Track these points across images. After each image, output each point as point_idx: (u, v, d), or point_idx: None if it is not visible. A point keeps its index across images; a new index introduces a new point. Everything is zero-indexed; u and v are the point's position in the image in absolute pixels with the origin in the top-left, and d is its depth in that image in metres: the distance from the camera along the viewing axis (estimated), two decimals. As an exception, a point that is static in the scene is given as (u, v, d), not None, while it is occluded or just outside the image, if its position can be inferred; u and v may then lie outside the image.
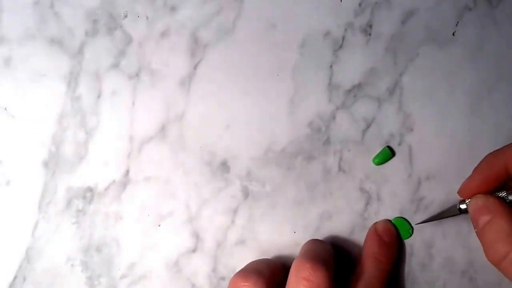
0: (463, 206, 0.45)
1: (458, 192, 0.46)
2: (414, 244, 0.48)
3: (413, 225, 0.48)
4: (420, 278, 0.48)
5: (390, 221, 0.48)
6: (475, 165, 0.47)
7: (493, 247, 0.40)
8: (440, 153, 0.49)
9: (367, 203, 0.49)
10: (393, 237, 0.47)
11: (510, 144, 0.44)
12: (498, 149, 0.44)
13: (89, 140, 0.48)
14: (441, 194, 0.48)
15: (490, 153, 0.45)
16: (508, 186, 0.44)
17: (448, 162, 0.48)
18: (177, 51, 0.49)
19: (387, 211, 0.48)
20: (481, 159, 0.47)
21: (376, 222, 0.48)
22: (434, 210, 0.48)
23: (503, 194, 0.43)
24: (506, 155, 0.43)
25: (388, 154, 0.48)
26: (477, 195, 0.44)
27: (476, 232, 0.43)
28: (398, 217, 0.48)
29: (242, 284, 0.41)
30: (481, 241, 0.42)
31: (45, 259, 0.48)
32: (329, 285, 0.39)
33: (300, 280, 0.39)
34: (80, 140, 0.48)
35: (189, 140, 0.49)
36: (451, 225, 0.48)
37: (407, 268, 0.48)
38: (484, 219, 0.42)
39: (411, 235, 0.48)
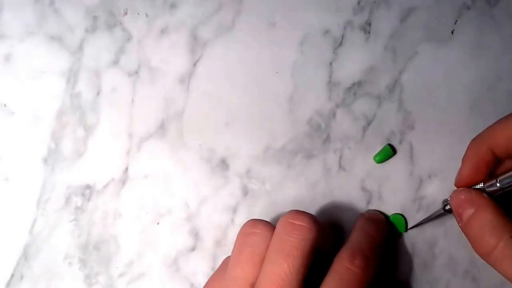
0: (447, 207, 0.45)
1: (455, 185, 0.45)
2: (416, 243, 0.48)
3: (408, 225, 0.48)
4: (422, 278, 0.48)
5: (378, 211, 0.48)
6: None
7: (480, 240, 0.39)
8: (442, 151, 0.48)
9: (368, 202, 0.48)
10: (379, 216, 0.47)
11: (490, 126, 0.43)
12: (480, 134, 0.43)
13: (89, 137, 0.48)
14: (443, 192, 0.48)
15: (473, 139, 0.44)
16: (493, 174, 0.43)
17: (449, 160, 0.48)
18: (177, 48, 0.49)
19: (388, 210, 0.48)
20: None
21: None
22: (435, 208, 0.48)
23: (480, 185, 0.42)
24: (488, 137, 0.42)
25: (389, 152, 0.48)
26: (459, 188, 0.43)
27: (460, 226, 0.42)
28: (395, 213, 0.48)
29: (252, 230, 0.41)
30: (466, 235, 0.41)
31: (43, 256, 0.47)
32: (316, 227, 0.40)
33: (286, 224, 0.40)
34: (79, 137, 0.48)
35: (188, 138, 0.49)
36: (453, 224, 0.47)
37: (409, 268, 0.48)
38: (468, 212, 0.41)
39: (407, 228, 0.48)
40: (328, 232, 0.45)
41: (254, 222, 0.41)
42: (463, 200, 0.42)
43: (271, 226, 0.41)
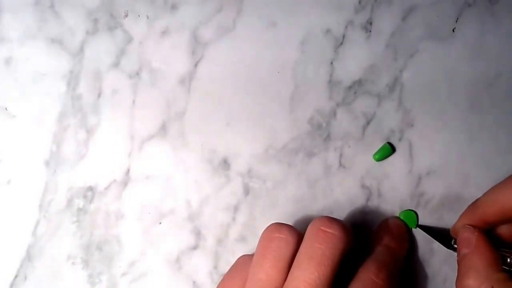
0: (455, 245, 0.46)
1: (450, 232, 0.47)
2: (414, 239, 0.48)
3: (417, 222, 0.48)
4: (421, 273, 0.48)
5: (399, 217, 0.48)
6: (475, 161, 0.48)
7: (464, 280, 0.41)
8: (440, 148, 0.49)
9: (368, 199, 0.49)
10: (403, 230, 0.48)
11: (484, 194, 0.44)
12: (476, 200, 0.45)
13: (90, 139, 0.48)
14: (442, 189, 0.49)
15: (470, 204, 0.45)
16: None
17: (448, 158, 0.49)
18: (178, 49, 0.49)
19: (388, 207, 0.49)
20: (481, 155, 0.48)
21: (387, 218, 0.48)
22: (434, 206, 0.48)
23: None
24: (480, 209, 0.44)
25: (388, 150, 0.48)
26: (467, 226, 0.44)
27: (457, 260, 0.43)
28: (408, 209, 0.48)
29: (276, 235, 0.40)
30: (457, 270, 0.43)
31: (46, 257, 0.48)
32: (347, 237, 0.40)
33: (317, 231, 0.40)
34: (81, 139, 0.48)
35: (190, 138, 0.49)
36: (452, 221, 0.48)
37: (408, 263, 0.48)
38: (464, 251, 0.43)
39: (418, 224, 0.48)
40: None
41: (278, 226, 0.41)
42: (465, 237, 0.43)
43: (295, 231, 0.41)
